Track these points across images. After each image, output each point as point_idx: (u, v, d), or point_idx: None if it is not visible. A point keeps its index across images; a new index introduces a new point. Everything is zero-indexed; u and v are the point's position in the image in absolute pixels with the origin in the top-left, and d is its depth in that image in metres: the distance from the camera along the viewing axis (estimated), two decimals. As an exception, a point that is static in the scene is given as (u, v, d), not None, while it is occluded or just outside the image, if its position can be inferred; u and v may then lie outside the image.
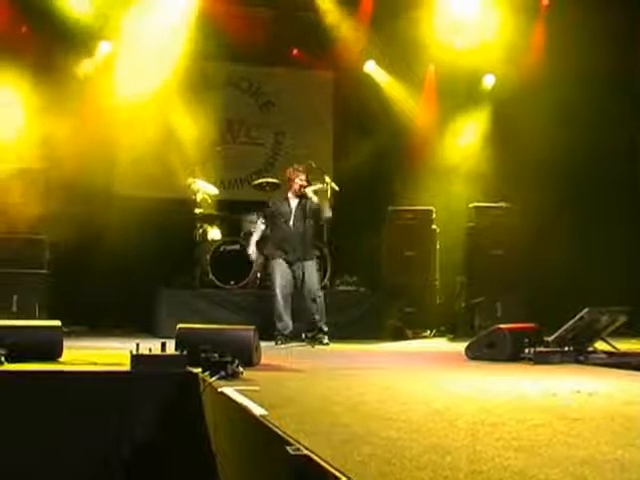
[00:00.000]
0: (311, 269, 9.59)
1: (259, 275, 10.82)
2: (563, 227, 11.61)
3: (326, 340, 9.34)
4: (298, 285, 9.48)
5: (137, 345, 5.77)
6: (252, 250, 9.94)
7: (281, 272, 9.50)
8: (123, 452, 5.49)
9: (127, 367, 5.74)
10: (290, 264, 9.54)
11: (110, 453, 5.46)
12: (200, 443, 4.99)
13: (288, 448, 3.04)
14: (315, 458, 2.90)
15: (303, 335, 9.46)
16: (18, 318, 8.76)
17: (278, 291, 9.43)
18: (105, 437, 5.47)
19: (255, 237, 9.94)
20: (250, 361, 6.14)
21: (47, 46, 11.08)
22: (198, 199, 11.02)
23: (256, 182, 11.47)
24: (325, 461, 2.84)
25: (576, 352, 7.05)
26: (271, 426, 3.50)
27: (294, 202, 9.68)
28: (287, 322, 9.38)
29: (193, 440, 5.16)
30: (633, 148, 12.72)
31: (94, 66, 11.49)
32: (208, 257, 10.62)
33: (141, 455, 5.50)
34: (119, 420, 5.51)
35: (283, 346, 9.11)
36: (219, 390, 4.73)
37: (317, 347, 9.11)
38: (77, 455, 5.39)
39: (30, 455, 5.30)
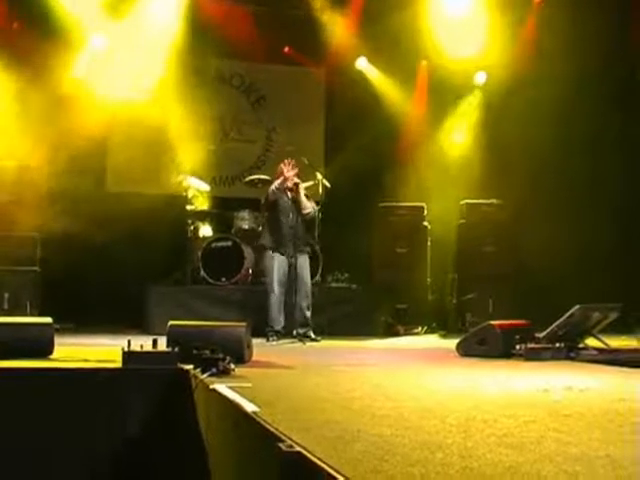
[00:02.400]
0: (304, 262, 9.58)
1: (250, 271, 10.82)
2: (554, 223, 11.63)
3: (313, 335, 9.34)
4: (292, 278, 9.45)
5: (128, 342, 5.76)
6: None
7: (278, 266, 9.44)
8: (114, 449, 5.48)
9: (118, 364, 5.73)
10: (286, 258, 9.49)
11: (101, 450, 5.45)
12: (192, 440, 4.99)
13: (280, 445, 3.04)
14: (307, 455, 2.90)
15: (294, 332, 9.44)
16: (9, 315, 8.74)
17: (275, 285, 9.37)
18: (96, 434, 5.46)
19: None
20: (242, 358, 6.13)
21: (39, 42, 11.04)
22: (189, 196, 11.03)
23: (248, 179, 11.47)
24: (317, 458, 2.84)
25: (567, 349, 7.06)
26: (263, 423, 3.50)
27: (290, 196, 9.63)
28: (280, 318, 9.35)
29: (185, 437, 5.16)
30: (624, 143, 12.74)
31: (86, 62, 11.45)
32: (199, 254, 10.62)
33: (132, 452, 5.50)
34: (110, 417, 5.51)
35: (275, 343, 9.10)
36: (211, 387, 4.73)
37: (308, 344, 9.11)
38: (68, 452, 5.39)
39: (21, 452, 5.30)
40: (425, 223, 11.97)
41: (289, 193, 9.59)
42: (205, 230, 11.23)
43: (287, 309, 9.47)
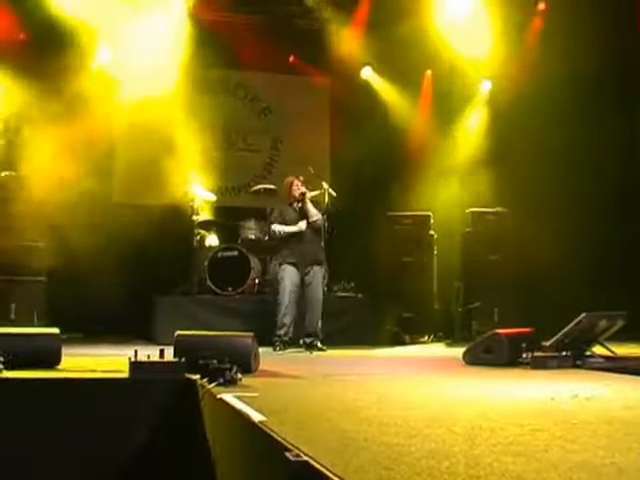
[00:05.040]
0: (318, 275, 9.60)
1: (257, 281, 10.83)
2: (560, 231, 11.62)
3: (320, 344, 9.35)
4: (304, 289, 9.48)
5: (135, 352, 5.77)
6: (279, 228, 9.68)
7: (290, 278, 9.47)
8: (122, 459, 5.49)
9: (126, 374, 5.74)
10: (299, 270, 9.53)
11: (109, 460, 5.46)
12: (199, 449, 4.99)
13: (287, 454, 3.05)
14: (314, 464, 2.91)
15: (301, 341, 9.45)
16: (16, 326, 8.76)
17: (286, 296, 9.39)
18: (103, 444, 5.47)
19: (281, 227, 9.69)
20: (249, 367, 6.14)
21: (44, 53, 11.10)
22: (195, 206, 11.04)
23: (254, 189, 11.52)
24: (324, 467, 2.85)
25: (574, 357, 7.06)
26: (270, 432, 3.50)
27: (298, 208, 9.68)
28: (288, 328, 9.36)
29: (192, 446, 5.17)
30: (631, 151, 12.74)
31: (91, 74, 11.47)
32: (206, 263, 10.64)
33: (140, 462, 5.50)
34: (117, 427, 5.51)
35: (281, 352, 9.11)
36: (218, 396, 4.74)
37: (315, 353, 9.11)
38: (76, 462, 5.39)
39: (29, 462, 5.31)
40: (431, 232, 11.98)
41: (295, 204, 9.67)
42: (211, 240, 11.25)
43: (296, 319, 9.49)
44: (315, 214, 9.62)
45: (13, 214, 10.14)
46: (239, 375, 5.43)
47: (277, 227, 9.68)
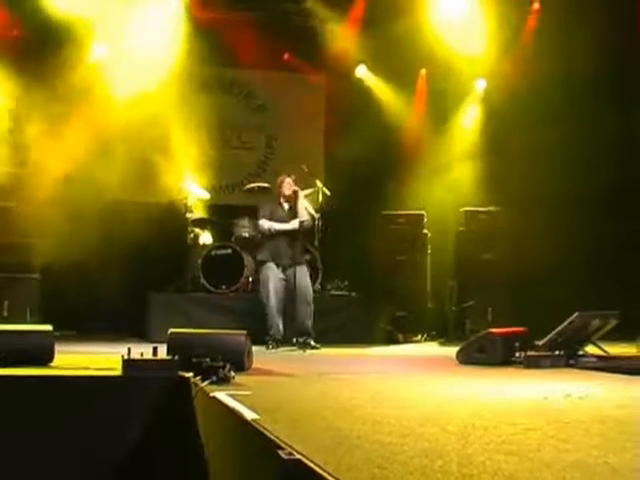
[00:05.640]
0: (303, 273, 9.60)
1: (250, 279, 10.82)
2: (554, 230, 11.63)
3: (313, 343, 9.34)
4: (290, 289, 9.49)
5: (129, 350, 5.77)
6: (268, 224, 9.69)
7: (274, 276, 9.48)
8: (115, 457, 5.49)
9: (119, 372, 5.74)
10: (283, 268, 9.55)
11: (102, 458, 5.45)
12: (192, 448, 4.99)
13: (280, 452, 3.05)
14: (307, 462, 2.91)
15: (294, 340, 9.45)
16: (9, 323, 8.74)
17: (271, 295, 9.41)
18: (97, 442, 5.46)
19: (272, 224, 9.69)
20: (242, 366, 6.14)
21: (39, 49, 11.07)
22: (189, 203, 11.03)
23: (248, 187, 11.50)
24: (317, 465, 2.85)
25: (567, 356, 7.07)
26: (263, 430, 3.50)
27: (287, 207, 9.71)
28: (279, 327, 9.37)
29: (185, 445, 5.16)
30: (625, 149, 12.74)
31: (86, 70, 11.44)
32: (199, 261, 10.62)
33: (133, 460, 5.50)
34: (111, 425, 5.51)
35: (274, 351, 9.11)
36: (211, 395, 4.74)
37: (308, 352, 9.11)
38: (69, 460, 5.38)
39: (22, 460, 5.30)
40: (425, 231, 11.97)
41: (285, 203, 9.68)
42: (205, 238, 11.23)
43: (287, 318, 9.49)
44: (304, 215, 9.63)
45: (7, 211, 10.13)
46: (232, 373, 5.43)
47: (267, 223, 9.68)
